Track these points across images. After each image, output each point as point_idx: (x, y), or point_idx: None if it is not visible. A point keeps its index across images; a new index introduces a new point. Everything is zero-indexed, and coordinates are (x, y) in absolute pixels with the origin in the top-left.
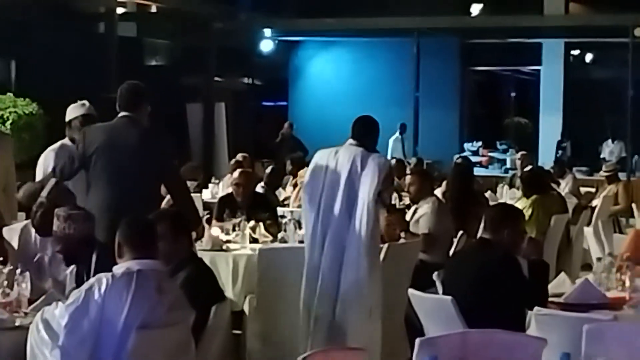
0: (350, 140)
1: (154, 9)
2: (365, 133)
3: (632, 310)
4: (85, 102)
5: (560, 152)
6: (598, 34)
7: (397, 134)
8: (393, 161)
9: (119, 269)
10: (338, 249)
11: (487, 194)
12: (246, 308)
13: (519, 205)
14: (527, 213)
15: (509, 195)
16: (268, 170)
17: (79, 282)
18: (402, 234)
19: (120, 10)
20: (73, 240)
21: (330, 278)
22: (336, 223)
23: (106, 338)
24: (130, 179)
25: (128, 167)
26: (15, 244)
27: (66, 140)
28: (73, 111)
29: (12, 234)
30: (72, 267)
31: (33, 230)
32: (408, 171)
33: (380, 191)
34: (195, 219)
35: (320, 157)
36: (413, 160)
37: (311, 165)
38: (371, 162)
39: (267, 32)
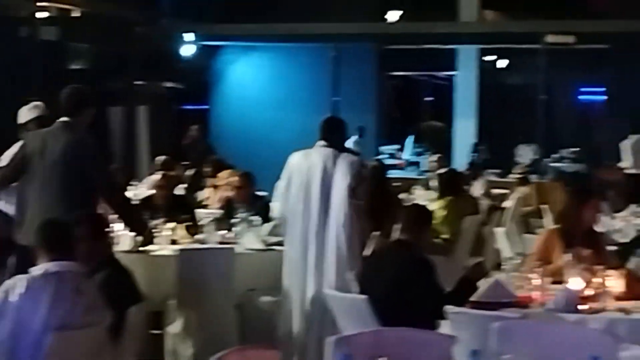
0: (321, 142)
1: (76, 13)
2: (334, 133)
3: (541, 308)
4: (39, 103)
5: (476, 154)
6: (511, 40)
7: (357, 137)
8: None
9: (36, 270)
10: (320, 248)
11: (404, 196)
12: (165, 308)
13: (434, 206)
14: (442, 214)
15: (424, 197)
16: (189, 172)
17: None
18: None
19: (42, 15)
20: None
21: (316, 276)
22: (315, 223)
23: (24, 339)
24: (59, 185)
25: (58, 172)
26: None
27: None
28: (27, 114)
29: None
30: None
31: None
32: None
33: (354, 188)
34: (138, 224)
35: (294, 160)
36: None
37: (287, 169)
38: (342, 162)
39: (189, 36)
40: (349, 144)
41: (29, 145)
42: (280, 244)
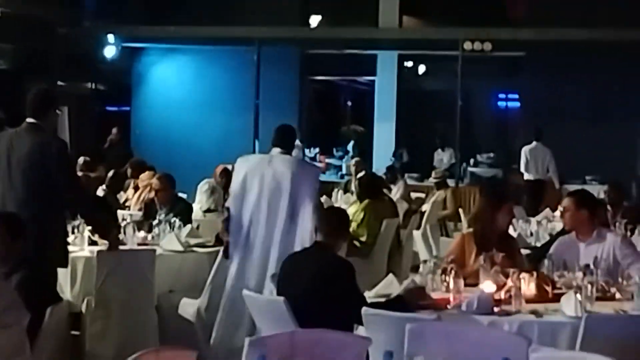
0: (278, 149)
1: None
2: (290, 141)
3: (455, 310)
4: None
5: (394, 159)
6: (430, 46)
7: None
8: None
9: None
10: (283, 254)
11: (323, 199)
12: (84, 309)
13: (352, 209)
14: (359, 217)
15: (343, 200)
16: (110, 173)
17: None
18: None
19: None
20: None
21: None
22: (280, 230)
23: None
24: (24, 186)
25: (23, 174)
26: None
27: None
28: None
29: None
30: None
31: None
32: None
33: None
34: (102, 227)
35: (251, 166)
36: None
37: (240, 174)
38: (309, 171)
39: (111, 38)
40: (525, 150)
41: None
42: (201, 245)
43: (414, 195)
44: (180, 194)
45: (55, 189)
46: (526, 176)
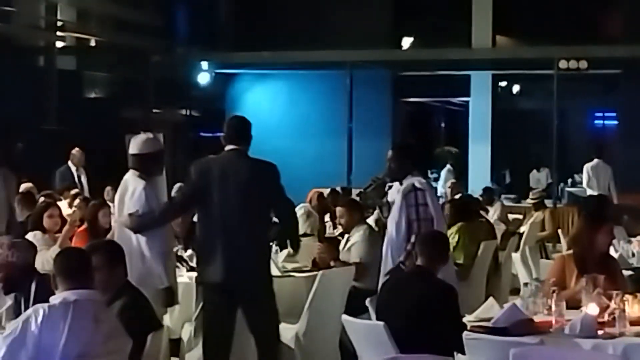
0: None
1: (93, 43)
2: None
3: (558, 333)
4: (151, 135)
5: (493, 181)
6: (524, 66)
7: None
8: (327, 190)
9: (55, 299)
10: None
11: None
12: (184, 335)
13: (448, 232)
14: (454, 240)
15: None
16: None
17: (17, 311)
18: (332, 263)
19: (59, 44)
20: (15, 267)
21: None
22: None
23: None
24: (243, 210)
25: (241, 198)
26: None
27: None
28: (144, 146)
29: None
30: (9, 303)
31: None
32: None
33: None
34: (297, 242)
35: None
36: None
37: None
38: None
39: (204, 64)
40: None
41: (202, 174)
42: (298, 270)
43: (511, 216)
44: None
45: (268, 210)
46: (588, 192)
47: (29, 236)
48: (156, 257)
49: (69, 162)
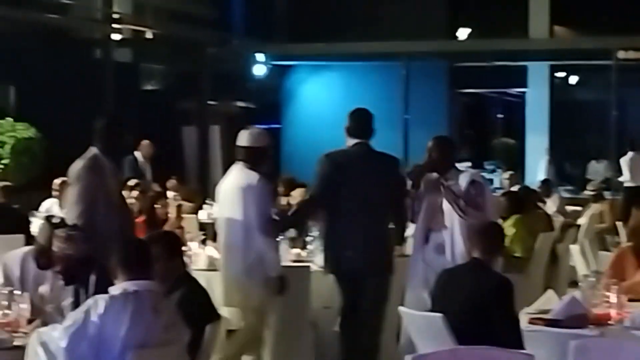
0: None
1: (149, 35)
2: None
3: (618, 326)
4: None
5: (550, 171)
6: (582, 56)
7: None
8: None
9: (115, 290)
10: None
11: None
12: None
13: (503, 225)
14: (510, 232)
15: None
16: None
17: (77, 302)
18: None
19: (116, 37)
20: (72, 260)
21: None
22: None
23: (104, 358)
24: (373, 202)
25: (372, 191)
26: (17, 269)
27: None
28: (257, 140)
29: (13, 261)
30: (69, 299)
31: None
32: None
33: None
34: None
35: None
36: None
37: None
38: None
39: (260, 56)
40: (624, 160)
41: (337, 168)
42: None
43: (569, 208)
44: None
45: (392, 203)
46: (627, 184)
47: None
48: (270, 246)
49: (137, 153)
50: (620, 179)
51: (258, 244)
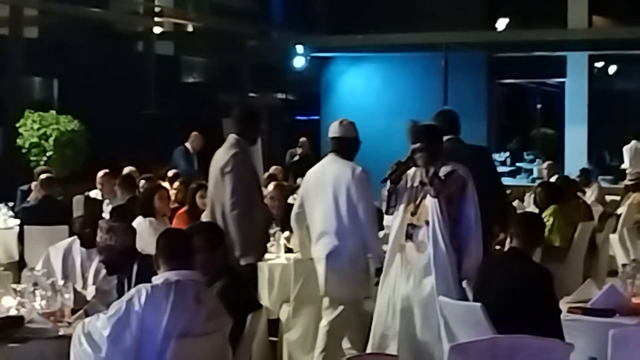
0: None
1: (190, 28)
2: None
3: None
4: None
5: (589, 162)
6: (621, 46)
7: None
8: None
9: (157, 279)
10: None
11: (515, 203)
12: (282, 316)
13: (543, 214)
14: (549, 223)
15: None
16: (299, 181)
17: (120, 292)
18: None
19: (157, 30)
20: (114, 251)
21: None
22: None
23: (147, 347)
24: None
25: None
26: (59, 260)
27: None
28: (347, 130)
29: (56, 253)
30: (114, 281)
31: (77, 244)
32: None
33: None
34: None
35: None
36: None
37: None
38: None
39: (300, 48)
40: (626, 148)
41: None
42: None
43: (608, 197)
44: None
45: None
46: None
47: (142, 222)
48: (375, 236)
49: (187, 144)
50: (622, 166)
51: (362, 233)
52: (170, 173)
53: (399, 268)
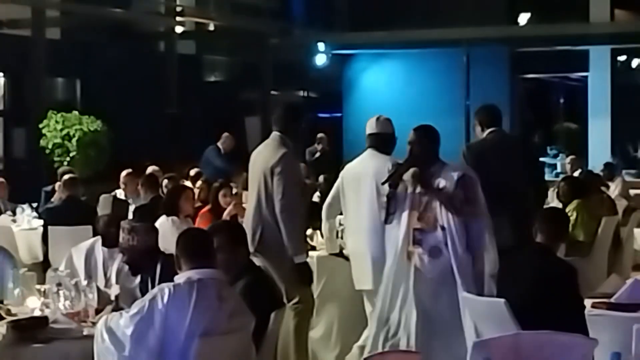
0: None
1: (211, 27)
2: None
3: None
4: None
5: (618, 155)
6: None
7: None
8: None
9: (180, 278)
10: None
11: None
12: None
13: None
14: (573, 217)
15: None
16: (321, 179)
17: (144, 292)
18: None
19: (179, 29)
20: (137, 251)
21: None
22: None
23: (170, 346)
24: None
25: (518, 171)
26: (82, 260)
27: None
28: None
29: (78, 253)
30: (137, 280)
31: (99, 244)
32: None
33: None
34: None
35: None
36: None
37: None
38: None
39: (321, 46)
40: None
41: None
42: None
43: (632, 192)
44: None
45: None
46: None
47: (165, 221)
48: None
49: (219, 144)
50: None
51: None
52: (192, 172)
53: (406, 275)
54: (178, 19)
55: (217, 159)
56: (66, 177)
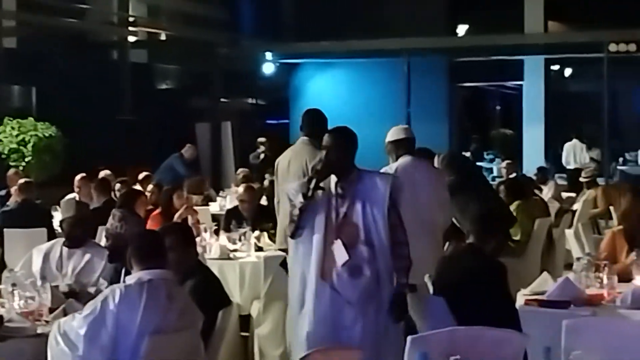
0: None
1: (163, 37)
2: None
3: (609, 306)
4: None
5: (547, 161)
6: (576, 50)
7: None
8: None
9: (130, 279)
10: None
11: None
12: (253, 312)
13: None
14: None
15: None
16: (266, 182)
17: (115, 280)
18: None
19: (132, 39)
20: (121, 239)
21: None
22: None
23: (122, 344)
24: None
25: None
26: (39, 262)
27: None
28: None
29: (36, 255)
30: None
31: (59, 246)
32: None
33: None
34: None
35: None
36: None
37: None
38: None
39: (268, 55)
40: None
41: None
42: None
43: (564, 194)
44: None
45: None
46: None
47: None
48: None
49: (183, 152)
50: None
51: None
52: (141, 176)
53: (323, 298)
54: (131, 28)
55: (180, 166)
56: (21, 181)
